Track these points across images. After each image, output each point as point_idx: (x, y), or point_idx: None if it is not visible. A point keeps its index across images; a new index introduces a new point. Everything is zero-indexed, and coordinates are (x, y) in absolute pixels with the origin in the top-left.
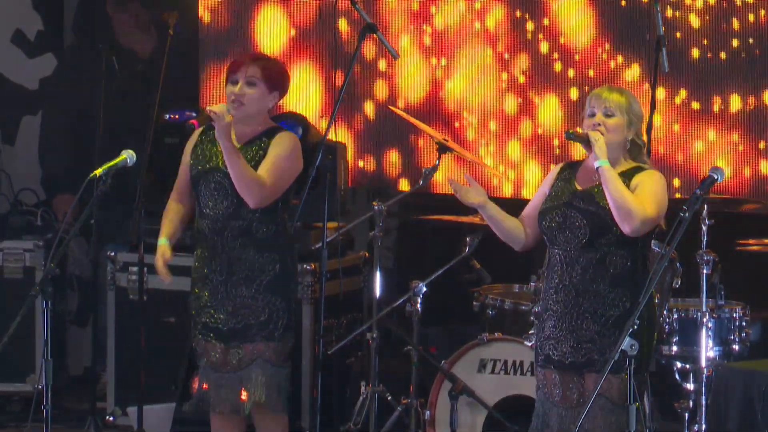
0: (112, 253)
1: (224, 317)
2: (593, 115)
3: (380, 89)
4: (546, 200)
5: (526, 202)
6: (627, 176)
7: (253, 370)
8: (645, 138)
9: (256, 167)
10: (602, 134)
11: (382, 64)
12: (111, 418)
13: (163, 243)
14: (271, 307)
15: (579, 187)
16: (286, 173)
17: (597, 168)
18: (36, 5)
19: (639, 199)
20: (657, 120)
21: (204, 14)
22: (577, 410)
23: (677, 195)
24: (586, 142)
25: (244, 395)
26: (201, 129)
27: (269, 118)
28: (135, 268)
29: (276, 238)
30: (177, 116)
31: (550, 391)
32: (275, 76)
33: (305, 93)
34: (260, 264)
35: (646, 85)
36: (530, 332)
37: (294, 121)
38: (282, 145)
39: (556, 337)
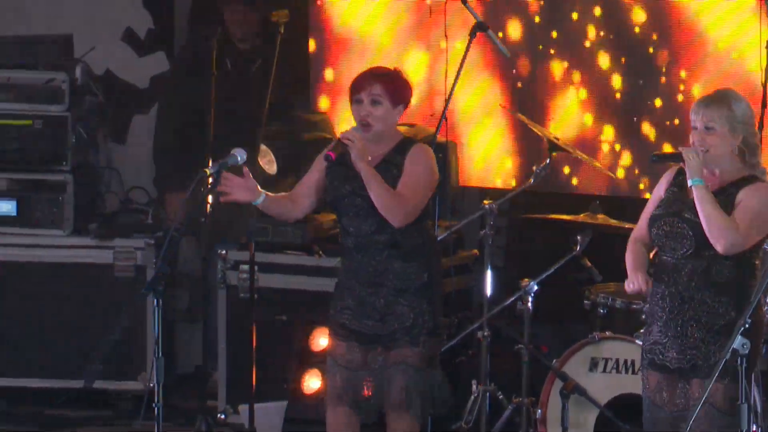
0: (223, 251)
1: (370, 323)
2: (695, 128)
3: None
4: (659, 206)
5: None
6: (736, 187)
7: (394, 373)
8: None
9: (394, 186)
10: (697, 154)
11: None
12: (222, 416)
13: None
14: (417, 312)
15: (690, 197)
16: (425, 187)
17: (690, 186)
18: (146, 4)
19: (733, 219)
20: None
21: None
22: (683, 414)
23: None
24: (680, 160)
25: (367, 392)
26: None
27: (397, 130)
28: (246, 266)
29: (422, 247)
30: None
31: (653, 395)
32: (398, 90)
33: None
34: (407, 274)
35: None
36: (641, 331)
37: None
38: (418, 161)
39: (662, 342)
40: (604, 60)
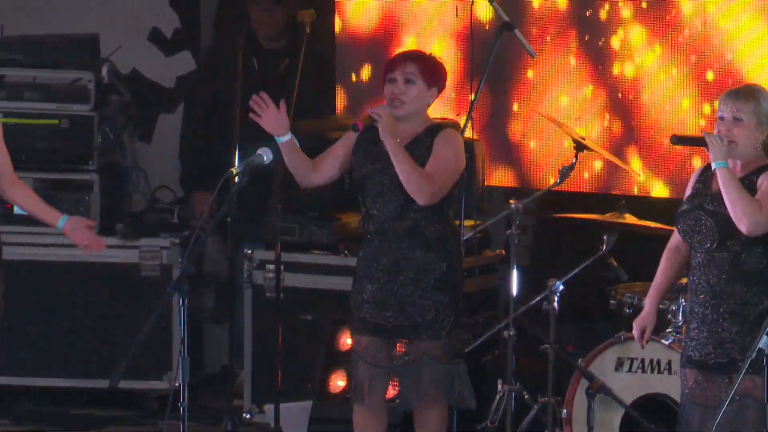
0: (249, 251)
1: (390, 314)
2: (722, 118)
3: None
4: (685, 202)
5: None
6: (757, 173)
7: (418, 367)
8: None
9: (422, 167)
10: (720, 138)
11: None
12: (248, 416)
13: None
14: (438, 306)
15: (712, 189)
16: (452, 171)
17: (714, 169)
18: (173, 3)
19: (756, 200)
20: None
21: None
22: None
23: None
24: (704, 144)
25: (392, 391)
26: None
27: (428, 115)
28: (272, 266)
29: (443, 236)
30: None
31: (691, 391)
32: (433, 72)
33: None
34: (427, 263)
35: None
36: (667, 330)
37: None
38: (447, 143)
39: (698, 338)
40: (629, 67)
